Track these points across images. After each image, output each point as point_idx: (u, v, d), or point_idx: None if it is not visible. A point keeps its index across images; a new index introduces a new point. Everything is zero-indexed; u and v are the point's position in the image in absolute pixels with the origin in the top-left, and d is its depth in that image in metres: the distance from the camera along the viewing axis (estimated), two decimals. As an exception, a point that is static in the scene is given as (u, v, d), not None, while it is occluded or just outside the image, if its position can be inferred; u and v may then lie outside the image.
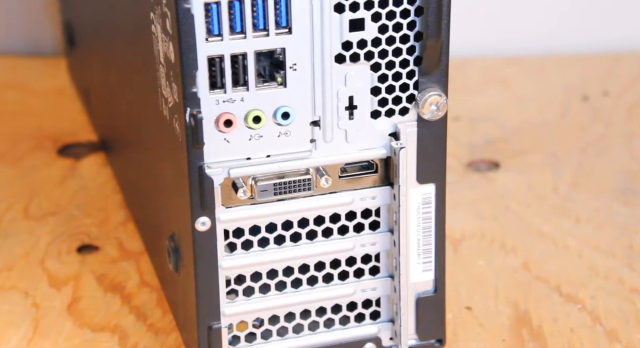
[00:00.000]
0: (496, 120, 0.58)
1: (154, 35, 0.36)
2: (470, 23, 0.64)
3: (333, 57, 0.35)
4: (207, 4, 0.33)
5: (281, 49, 0.35)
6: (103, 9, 0.46)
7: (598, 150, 0.54)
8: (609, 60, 0.63)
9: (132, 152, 0.46)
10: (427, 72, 0.36)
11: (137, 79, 0.41)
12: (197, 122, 0.34)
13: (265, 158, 0.36)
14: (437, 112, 0.36)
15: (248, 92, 0.35)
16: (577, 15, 0.65)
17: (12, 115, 0.58)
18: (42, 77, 0.61)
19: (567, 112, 0.58)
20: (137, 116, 0.43)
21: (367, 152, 0.37)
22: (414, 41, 0.36)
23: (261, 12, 0.34)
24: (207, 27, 0.34)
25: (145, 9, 0.36)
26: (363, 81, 0.36)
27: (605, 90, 0.60)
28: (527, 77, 0.62)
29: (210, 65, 0.34)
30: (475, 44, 0.64)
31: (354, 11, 0.35)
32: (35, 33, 0.64)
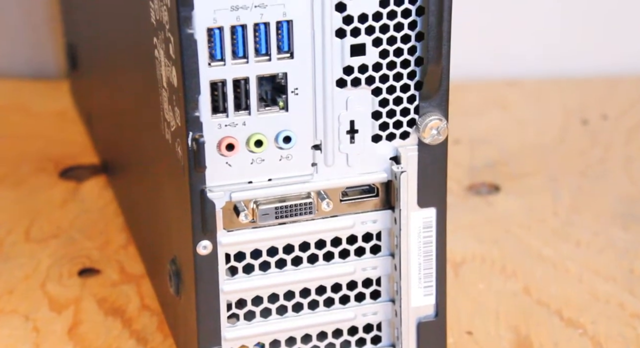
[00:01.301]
0: (496, 143, 0.58)
1: (157, 59, 0.37)
2: (470, 46, 0.64)
3: (334, 82, 0.36)
4: (210, 29, 0.34)
5: (283, 73, 0.35)
6: (106, 33, 0.47)
7: (597, 173, 0.55)
8: (608, 84, 0.64)
9: (134, 175, 0.46)
10: (427, 96, 0.36)
11: (139, 102, 0.41)
12: (199, 146, 0.34)
13: (266, 181, 0.36)
14: (438, 136, 0.37)
15: (250, 116, 0.35)
16: (576, 39, 0.65)
17: (14, 138, 0.58)
18: (45, 99, 0.62)
19: (567, 136, 0.59)
20: (139, 139, 0.43)
21: (368, 176, 0.37)
22: (414, 66, 0.36)
23: (263, 37, 0.34)
24: (210, 52, 0.34)
25: (148, 33, 0.37)
26: (364, 105, 0.36)
27: (604, 113, 0.60)
28: (527, 101, 0.63)
29: (213, 89, 0.35)
30: (475, 67, 0.65)
31: (355, 36, 0.35)
32: (39, 56, 0.64)
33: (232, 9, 0.34)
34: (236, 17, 0.34)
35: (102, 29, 0.48)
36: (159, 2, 0.35)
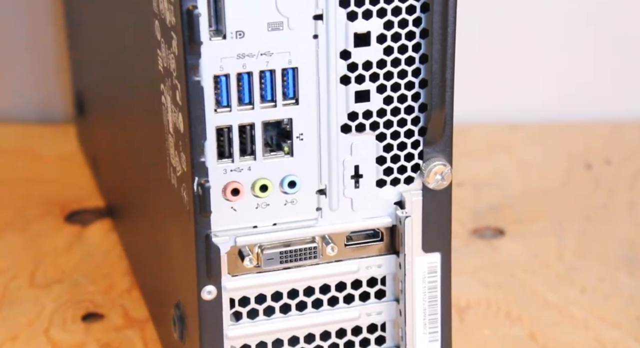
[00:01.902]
0: (500, 187, 0.58)
1: (164, 105, 0.37)
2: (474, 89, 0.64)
3: (339, 127, 0.36)
4: (216, 76, 0.34)
5: (288, 119, 0.35)
6: (114, 80, 0.47)
7: (602, 218, 0.55)
8: (611, 129, 0.64)
9: (139, 219, 0.46)
10: (431, 142, 0.37)
11: (145, 147, 0.42)
12: (204, 191, 0.35)
13: (271, 226, 0.36)
14: (442, 181, 0.37)
15: (255, 161, 0.36)
16: (579, 84, 0.65)
17: (21, 183, 0.58)
18: (52, 144, 0.62)
19: (570, 180, 0.59)
20: (144, 184, 0.43)
21: (372, 221, 0.37)
22: (418, 112, 0.36)
23: (269, 83, 0.35)
24: (216, 99, 0.35)
25: (155, 80, 0.37)
26: (368, 151, 0.36)
27: (607, 158, 0.61)
28: (530, 144, 0.63)
29: (219, 135, 0.35)
30: (478, 110, 0.65)
31: (359, 83, 0.36)
32: (47, 101, 0.65)
33: (238, 56, 0.34)
34: (242, 65, 0.34)
35: (110, 75, 0.48)
36: (167, 50, 0.35)
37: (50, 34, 0.63)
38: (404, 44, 0.35)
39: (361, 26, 0.35)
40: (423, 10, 0.35)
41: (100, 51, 0.50)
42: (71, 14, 0.58)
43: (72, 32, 0.58)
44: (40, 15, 0.63)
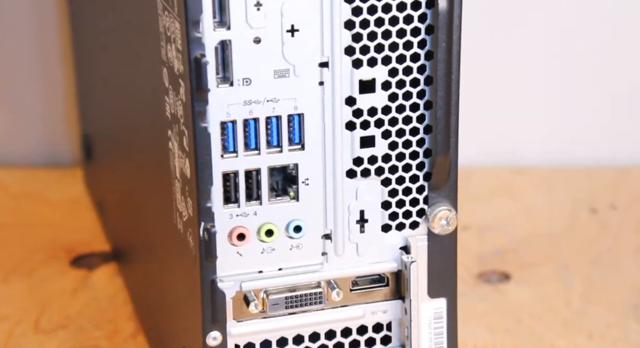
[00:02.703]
0: (505, 231, 0.58)
1: (171, 151, 0.37)
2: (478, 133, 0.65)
3: (344, 172, 0.36)
4: (223, 122, 0.35)
5: (294, 164, 0.36)
6: (121, 124, 0.48)
7: (608, 263, 0.54)
8: (616, 174, 0.64)
9: (145, 264, 0.46)
10: (436, 187, 0.37)
11: (152, 192, 0.42)
12: (210, 236, 0.35)
13: (277, 271, 0.36)
14: (447, 226, 0.37)
15: (261, 206, 0.36)
16: (584, 128, 0.66)
17: (27, 227, 0.58)
18: (59, 187, 0.62)
19: (576, 224, 0.59)
20: (150, 228, 0.43)
21: (378, 266, 0.37)
22: (423, 157, 0.37)
23: (275, 129, 0.35)
24: (223, 144, 0.35)
25: (163, 126, 0.38)
26: (374, 196, 0.37)
27: (612, 203, 0.61)
28: (535, 188, 0.63)
29: (225, 180, 0.35)
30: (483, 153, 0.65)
31: (364, 129, 0.36)
32: (54, 145, 0.65)
33: (245, 103, 0.35)
34: (249, 111, 0.35)
35: (118, 120, 0.49)
36: (174, 96, 0.36)
37: (59, 78, 0.64)
38: (409, 91, 0.36)
39: (366, 73, 0.35)
40: (427, 58, 0.35)
41: (109, 96, 0.50)
42: (80, 59, 0.58)
43: (81, 77, 0.59)
44: (49, 60, 0.64)
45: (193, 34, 0.33)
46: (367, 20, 0.35)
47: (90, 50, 0.54)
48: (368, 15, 0.35)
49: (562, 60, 0.64)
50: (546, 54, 0.64)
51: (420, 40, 0.35)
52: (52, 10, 0.62)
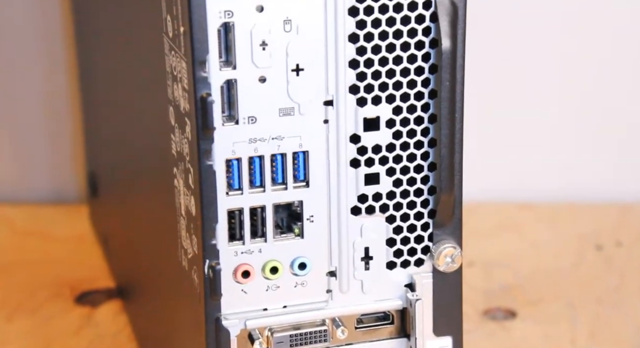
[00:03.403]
0: (511, 267, 0.58)
1: (177, 188, 0.37)
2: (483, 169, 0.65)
3: (349, 209, 0.36)
4: (228, 160, 0.35)
5: (299, 201, 0.36)
6: (128, 161, 0.48)
7: (614, 301, 0.54)
8: (621, 211, 0.64)
9: (149, 300, 0.46)
10: (441, 224, 0.37)
11: (157, 229, 0.42)
12: (215, 273, 0.35)
13: (281, 309, 0.36)
14: (452, 264, 0.37)
15: (266, 244, 0.36)
16: (589, 165, 0.66)
17: (32, 264, 0.58)
18: (64, 224, 0.63)
19: (582, 261, 0.59)
20: (155, 265, 0.44)
21: (383, 303, 0.37)
22: (427, 195, 0.37)
23: (280, 167, 0.35)
24: (228, 182, 0.35)
25: (169, 164, 0.38)
26: (378, 233, 0.37)
27: (618, 240, 0.61)
28: (540, 224, 0.63)
29: (230, 217, 0.35)
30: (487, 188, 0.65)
31: (369, 166, 0.36)
32: (60, 182, 0.66)
33: (250, 141, 0.35)
34: (254, 149, 0.35)
35: (124, 157, 0.49)
36: (180, 135, 0.36)
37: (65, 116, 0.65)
38: (413, 129, 0.36)
39: (370, 111, 0.35)
40: (431, 96, 0.36)
41: (115, 134, 0.51)
42: (87, 97, 0.59)
43: (88, 115, 0.60)
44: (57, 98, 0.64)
45: (199, 74, 0.34)
46: (371, 60, 0.35)
47: (97, 88, 0.55)
48: (372, 55, 0.35)
49: (568, 97, 0.64)
50: (551, 91, 0.64)
51: (424, 79, 0.36)
52: (59, 48, 0.63)
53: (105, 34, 0.50)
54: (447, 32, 0.35)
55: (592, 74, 0.64)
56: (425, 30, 0.35)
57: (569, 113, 0.65)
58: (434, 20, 0.35)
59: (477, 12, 0.49)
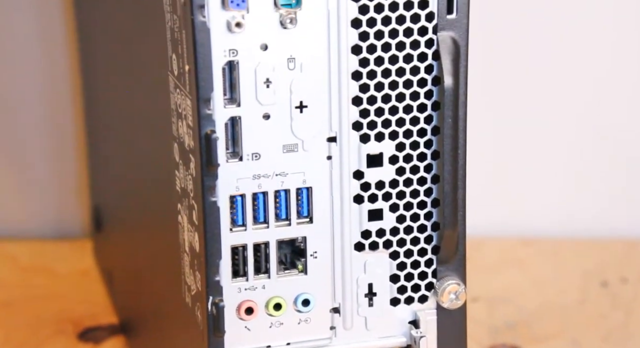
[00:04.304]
0: (515, 302, 0.58)
1: (180, 225, 0.38)
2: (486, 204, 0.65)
3: (352, 245, 0.36)
4: (232, 196, 0.35)
5: (302, 237, 0.36)
6: (132, 197, 0.48)
7: (620, 338, 0.54)
8: (625, 247, 0.64)
9: (152, 337, 0.46)
10: (445, 261, 0.37)
11: (161, 265, 0.42)
12: (218, 310, 0.35)
13: (285, 346, 0.36)
14: (457, 300, 0.37)
15: (269, 280, 0.36)
16: (592, 200, 0.66)
17: (35, 300, 0.58)
18: (68, 259, 0.63)
19: (587, 297, 0.58)
20: (159, 301, 0.43)
21: (387, 340, 0.37)
22: (431, 231, 0.37)
23: (283, 203, 0.36)
24: (232, 218, 0.35)
25: (173, 200, 0.38)
26: (382, 269, 0.37)
27: (623, 277, 0.60)
28: (544, 260, 0.63)
29: (233, 254, 0.35)
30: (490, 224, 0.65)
31: (372, 202, 0.36)
32: (64, 217, 0.66)
33: (254, 177, 0.35)
34: (258, 185, 0.35)
35: (128, 193, 0.49)
36: (185, 171, 0.36)
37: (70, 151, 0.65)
38: (416, 165, 0.36)
39: (374, 148, 0.36)
40: (434, 133, 0.36)
41: (119, 169, 0.51)
42: (92, 133, 0.59)
43: (92, 150, 0.60)
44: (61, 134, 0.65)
45: (204, 111, 0.34)
46: (374, 97, 0.35)
47: (102, 124, 0.55)
48: (375, 92, 0.35)
49: (571, 133, 0.65)
50: (553, 127, 0.65)
51: (426, 116, 0.36)
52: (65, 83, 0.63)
53: (111, 71, 0.50)
54: (449, 70, 0.35)
55: (594, 110, 0.64)
56: (428, 68, 0.35)
57: (572, 148, 0.65)
58: (437, 58, 0.35)
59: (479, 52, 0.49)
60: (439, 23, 0.35)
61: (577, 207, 0.66)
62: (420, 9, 0.35)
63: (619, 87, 0.64)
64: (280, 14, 0.34)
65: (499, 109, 0.64)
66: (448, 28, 0.35)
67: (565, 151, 0.65)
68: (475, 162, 0.45)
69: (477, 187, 0.49)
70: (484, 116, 0.63)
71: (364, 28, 0.35)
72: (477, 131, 0.53)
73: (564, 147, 0.65)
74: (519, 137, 0.65)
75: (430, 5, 0.35)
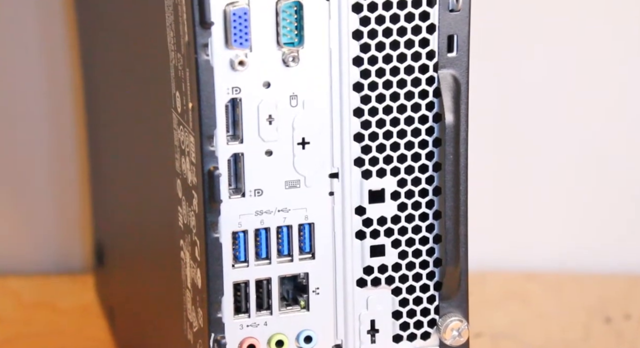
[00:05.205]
0: (519, 338, 0.57)
1: (183, 261, 0.38)
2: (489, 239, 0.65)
3: (355, 281, 0.36)
4: (234, 232, 0.35)
5: (304, 273, 0.36)
6: (134, 233, 0.48)
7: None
8: (628, 282, 0.64)
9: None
10: (447, 297, 0.37)
11: (163, 301, 0.42)
12: (221, 347, 0.35)
13: (287, 382, 0.36)
14: (459, 338, 0.37)
15: (272, 316, 0.36)
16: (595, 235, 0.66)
17: (37, 336, 0.58)
18: (70, 295, 0.62)
19: (590, 334, 0.58)
20: (160, 338, 0.43)
21: (389, 377, 0.37)
22: (433, 267, 0.37)
23: (286, 239, 0.36)
24: (234, 254, 0.35)
25: (175, 236, 0.38)
26: (384, 305, 0.37)
27: (627, 313, 0.60)
28: (547, 295, 0.62)
29: (236, 290, 0.35)
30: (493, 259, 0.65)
31: (374, 238, 0.36)
32: (66, 252, 0.66)
33: (256, 213, 0.35)
34: (260, 221, 0.35)
35: (130, 228, 0.49)
36: (187, 207, 0.36)
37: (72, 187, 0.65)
38: (418, 201, 0.36)
39: (375, 184, 0.36)
40: (435, 169, 0.36)
41: (122, 204, 0.51)
42: (95, 169, 0.59)
43: (95, 185, 0.60)
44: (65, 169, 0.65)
45: (207, 148, 0.34)
46: (376, 133, 0.36)
47: (105, 159, 0.55)
48: (376, 129, 0.35)
49: (574, 168, 0.65)
50: (556, 162, 0.65)
51: (428, 152, 0.36)
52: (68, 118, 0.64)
53: (114, 107, 0.50)
54: (450, 107, 0.35)
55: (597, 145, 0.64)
56: (429, 105, 0.36)
57: (574, 184, 0.65)
58: (437, 95, 0.35)
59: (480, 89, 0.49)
60: (439, 61, 0.35)
61: (579, 241, 0.66)
62: (421, 48, 0.35)
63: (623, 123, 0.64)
64: (283, 53, 0.34)
65: (500, 145, 0.64)
66: (449, 66, 0.35)
67: (569, 186, 0.65)
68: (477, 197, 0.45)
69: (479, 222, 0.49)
70: (485, 152, 0.63)
71: (366, 66, 0.35)
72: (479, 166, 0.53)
73: (567, 182, 0.65)
74: (521, 172, 0.65)
75: (431, 43, 0.35)
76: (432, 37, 0.35)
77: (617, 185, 0.65)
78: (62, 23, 0.62)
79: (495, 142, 0.64)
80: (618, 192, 0.65)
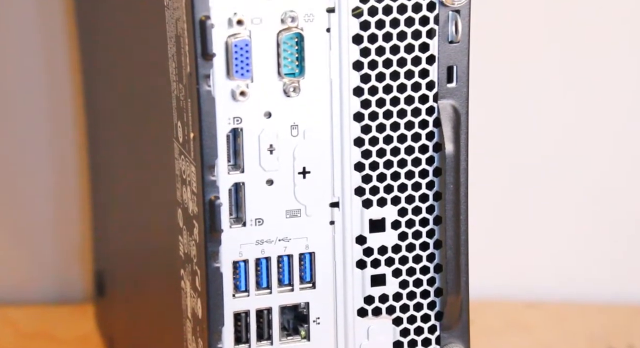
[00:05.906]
0: (521, 368, 0.57)
1: (183, 290, 0.38)
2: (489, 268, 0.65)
3: (355, 311, 0.36)
4: (235, 262, 0.35)
5: (305, 303, 0.36)
6: (135, 263, 0.48)
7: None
8: (631, 312, 0.63)
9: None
10: (448, 327, 0.37)
11: (163, 331, 0.42)
12: (221, 377, 0.35)
13: None
14: (460, 367, 0.37)
15: (272, 347, 0.36)
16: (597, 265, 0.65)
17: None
18: (69, 325, 0.62)
19: (593, 363, 0.58)
20: (161, 368, 0.43)
21: (390, 408, 0.37)
22: (434, 296, 0.37)
23: (286, 268, 0.36)
24: (235, 284, 0.35)
25: (176, 266, 0.38)
26: (385, 335, 0.36)
27: (630, 343, 0.60)
28: (549, 323, 0.62)
29: (236, 320, 0.35)
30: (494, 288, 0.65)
31: (375, 267, 0.36)
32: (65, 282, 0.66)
33: (257, 242, 0.35)
34: (261, 251, 0.35)
35: (131, 258, 0.49)
36: (188, 236, 0.36)
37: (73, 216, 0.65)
38: (418, 230, 0.36)
39: (376, 213, 0.36)
40: (435, 198, 0.36)
41: (123, 234, 0.51)
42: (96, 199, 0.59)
43: (96, 215, 0.60)
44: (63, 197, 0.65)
45: (208, 178, 0.34)
46: (377, 163, 0.36)
47: (106, 188, 0.56)
48: (377, 158, 0.36)
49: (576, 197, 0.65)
50: (558, 190, 0.65)
51: (428, 182, 0.36)
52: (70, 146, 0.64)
53: (116, 137, 0.51)
54: (450, 137, 0.35)
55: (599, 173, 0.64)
56: (429, 135, 0.36)
57: (577, 213, 0.65)
58: (437, 125, 0.36)
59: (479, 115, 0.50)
60: (439, 91, 0.35)
61: (582, 270, 0.66)
62: (420, 78, 0.35)
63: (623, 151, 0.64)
64: (284, 83, 0.34)
65: (500, 173, 0.64)
66: (448, 96, 0.36)
67: (571, 215, 0.65)
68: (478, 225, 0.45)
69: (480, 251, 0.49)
70: (485, 181, 0.63)
71: (366, 96, 0.35)
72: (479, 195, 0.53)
73: (569, 211, 0.65)
74: (523, 201, 0.65)
75: (431, 74, 0.35)
76: (432, 68, 0.35)
77: (620, 214, 0.65)
78: (62, 23, 0.62)
79: (496, 172, 0.64)
80: (620, 222, 0.65)
